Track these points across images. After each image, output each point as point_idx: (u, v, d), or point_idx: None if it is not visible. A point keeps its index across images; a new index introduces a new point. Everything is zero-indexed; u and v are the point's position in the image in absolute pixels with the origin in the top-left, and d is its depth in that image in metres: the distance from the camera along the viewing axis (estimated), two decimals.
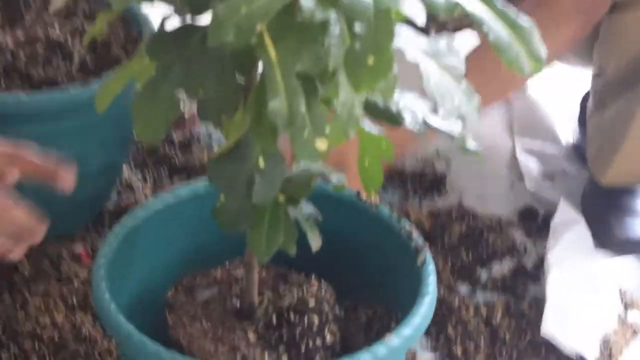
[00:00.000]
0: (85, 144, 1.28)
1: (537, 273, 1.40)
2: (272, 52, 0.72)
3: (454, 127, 0.89)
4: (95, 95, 0.86)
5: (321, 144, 0.76)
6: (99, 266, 0.97)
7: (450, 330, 1.26)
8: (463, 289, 1.36)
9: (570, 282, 1.31)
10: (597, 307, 1.30)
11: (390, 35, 0.73)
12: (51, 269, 1.30)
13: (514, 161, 1.65)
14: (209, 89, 0.77)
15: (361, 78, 0.73)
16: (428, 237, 1.41)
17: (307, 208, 0.94)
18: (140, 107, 0.78)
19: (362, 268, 1.10)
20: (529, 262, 1.42)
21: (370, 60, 0.73)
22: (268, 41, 0.72)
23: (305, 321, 0.97)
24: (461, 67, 0.84)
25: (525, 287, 1.37)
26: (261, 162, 0.84)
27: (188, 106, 1.59)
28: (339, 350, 1.00)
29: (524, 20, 0.77)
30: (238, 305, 1.01)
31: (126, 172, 1.52)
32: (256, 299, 0.99)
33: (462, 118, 0.84)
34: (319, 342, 0.97)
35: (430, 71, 0.82)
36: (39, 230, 0.97)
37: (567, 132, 1.70)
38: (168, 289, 1.02)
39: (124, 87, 0.85)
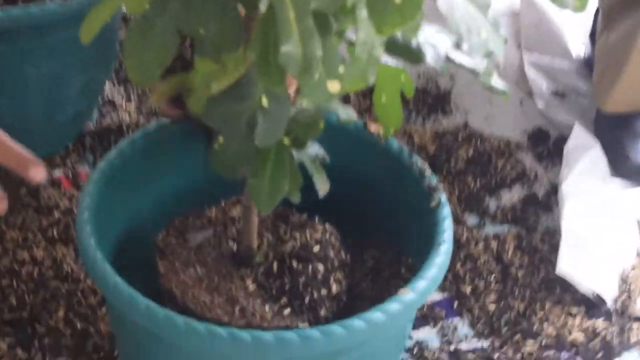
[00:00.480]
0: (65, 63, 1.20)
1: (548, 202, 1.33)
2: None
3: (478, 62, 0.81)
4: (80, 27, 0.77)
5: (333, 86, 0.69)
6: (83, 208, 0.90)
7: (458, 267, 1.20)
8: (471, 220, 1.30)
9: (586, 215, 1.24)
10: (615, 241, 1.24)
11: None
12: (29, 197, 1.22)
13: (522, 77, 1.57)
14: (211, 26, 0.69)
15: (386, 19, 0.65)
16: (432, 161, 1.35)
17: (312, 148, 0.87)
18: (132, 46, 0.70)
19: (369, 206, 1.04)
20: (540, 190, 1.36)
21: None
22: None
23: (309, 270, 0.91)
24: None
25: (537, 217, 1.30)
26: (264, 101, 0.77)
27: None
28: (345, 299, 0.94)
29: None
30: (235, 248, 0.94)
31: (108, 88, 1.43)
32: (255, 242, 0.92)
33: (489, 54, 0.77)
34: (324, 292, 0.90)
35: (455, 1, 0.74)
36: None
37: (579, 46, 1.62)
38: (159, 231, 0.95)
39: None
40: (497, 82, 0.81)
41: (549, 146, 1.43)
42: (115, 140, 1.34)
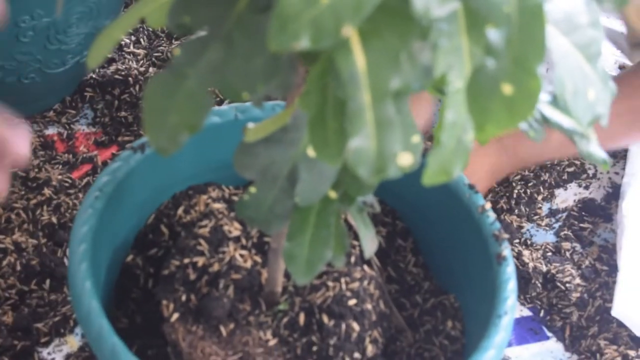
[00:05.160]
0: (68, 11, 1.05)
1: (608, 208, 1.20)
2: (359, 57, 0.50)
3: (577, 123, 0.68)
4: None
5: (405, 159, 0.55)
6: (78, 239, 0.76)
7: None
8: (518, 224, 1.16)
9: None
10: None
11: (540, 48, 0.52)
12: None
13: None
14: (259, 89, 0.55)
15: (489, 115, 0.52)
16: None
17: None
18: (155, 104, 0.56)
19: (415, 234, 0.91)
20: (598, 192, 1.22)
21: (507, 89, 0.51)
22: (355, 41, 0.50)
23: (342, 329, 0.78)
24: (599, 42, 0.63)
25: (595, 228, 1.17)
26: (311, 150, 0.63)
27: None
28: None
29: None
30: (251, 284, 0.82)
31: None
32: (280, 287, 0.80)
33: (595, 119, 0.64)
34: (357, 355, 0.78)
35: (563, 54, 0.61)
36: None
37: None
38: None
39: None
40: (596, 148, 0.68)
41: None
42: (119, 93, 1.20)
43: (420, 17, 0.48)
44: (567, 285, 1.08)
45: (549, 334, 1.05)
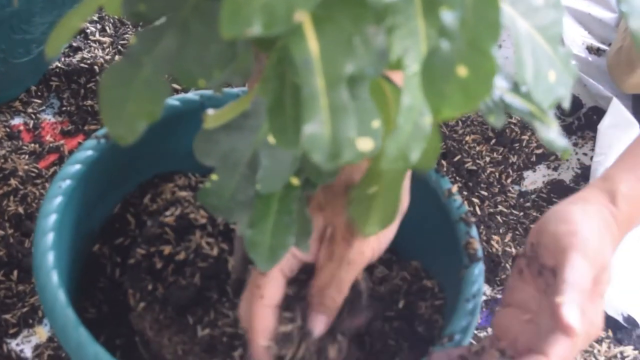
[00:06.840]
0: (32, 0, 1.04)
1: (577, 188, 1.21)
2: (312, 43, 0.50)
3: (539, 109, 0.68)
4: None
5: (365, 144, 0.55)
6: (43, 229, 0.76)
7: None
8: (487, 207, 1.17)
9: None
10: None
11: (494, 30, 0.52)
12: None
13: None
14: (215, 74, 0.55)
15: (445, 98, 0.52)
16: (448, 134, 1.21)
17: None
18: (111, 93, 0.56)
19: None
20: (567, 173, 1.23)
21: (462, 71, 0.51)
22: (308, 27, 0.50)
23: None
24: (559, 24, 0.63)
25: None
26: (271, 137, 0.63)
27: None
28: None
29: None
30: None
31: None
32: (247, 274, 0.80)
33: (557, 101, 0.64)
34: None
35: (523, 36, 0.61)
36: None
37: None
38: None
39: None
40: (557, 135, 0.68)
41: (580, 117, 1.30)
42: (85, 82, 1.20)
43: (373, 2, 0.49)
44: None
45: None
